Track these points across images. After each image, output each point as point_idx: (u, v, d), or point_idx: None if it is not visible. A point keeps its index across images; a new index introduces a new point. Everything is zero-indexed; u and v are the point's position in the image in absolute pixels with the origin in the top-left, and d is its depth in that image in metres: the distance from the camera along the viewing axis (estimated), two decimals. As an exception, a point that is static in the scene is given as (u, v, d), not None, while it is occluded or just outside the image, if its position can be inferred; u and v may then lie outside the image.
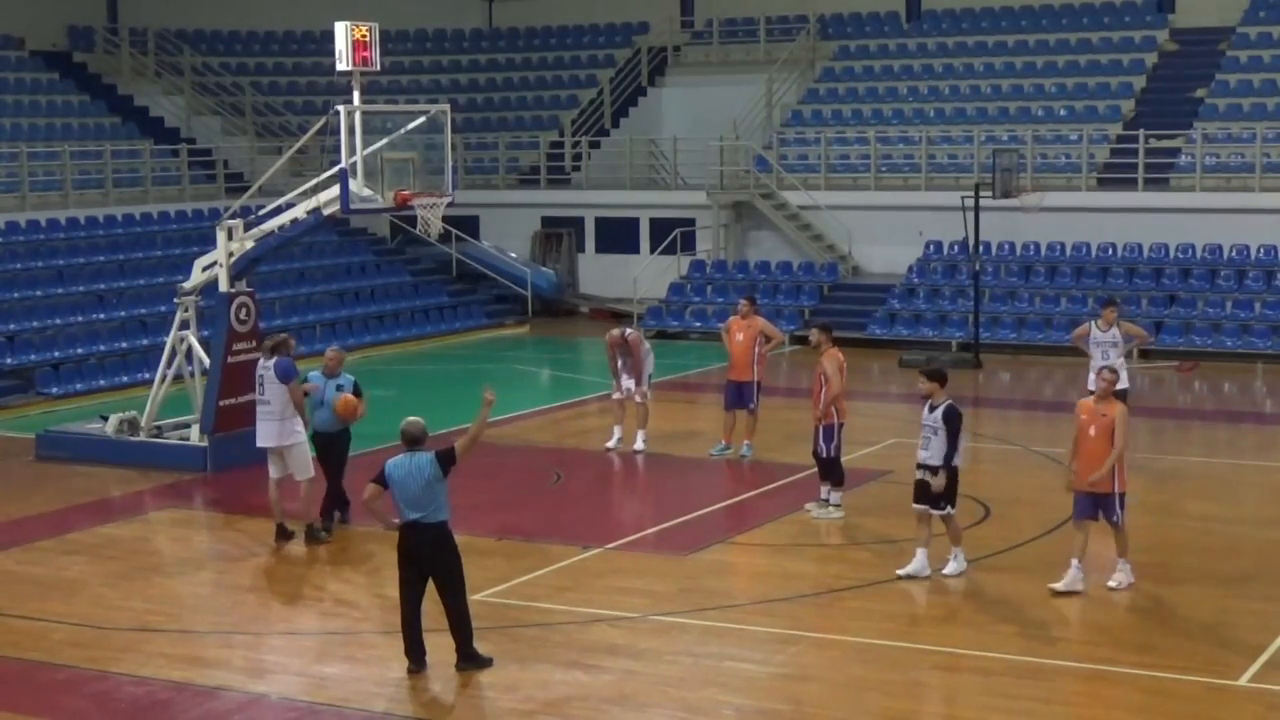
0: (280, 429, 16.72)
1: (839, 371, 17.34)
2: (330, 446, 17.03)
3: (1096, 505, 14.53)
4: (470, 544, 14.17)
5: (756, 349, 20.12)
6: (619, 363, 20.90)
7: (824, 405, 17.26)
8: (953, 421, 14.75)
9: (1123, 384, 19.95)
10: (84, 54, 38.00)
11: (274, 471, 16.85)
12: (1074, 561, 14.58)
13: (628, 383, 20.84)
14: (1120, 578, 14.72)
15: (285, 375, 16.75)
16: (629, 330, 21.24)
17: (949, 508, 14.91)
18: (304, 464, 16.80)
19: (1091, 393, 20.21)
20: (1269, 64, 33.92)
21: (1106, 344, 20.01)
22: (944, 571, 14.97)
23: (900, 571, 15.02)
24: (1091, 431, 14.58)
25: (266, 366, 16.89)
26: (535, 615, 14.11)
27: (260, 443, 16.94)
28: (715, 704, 12.06)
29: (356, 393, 16.95)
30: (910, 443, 21.03)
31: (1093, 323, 20.18)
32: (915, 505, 15.02)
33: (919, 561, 15.01)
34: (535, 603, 14.45)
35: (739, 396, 20.22)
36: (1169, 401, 25.65)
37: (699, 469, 20.14)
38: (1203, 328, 28.98)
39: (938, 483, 14.75)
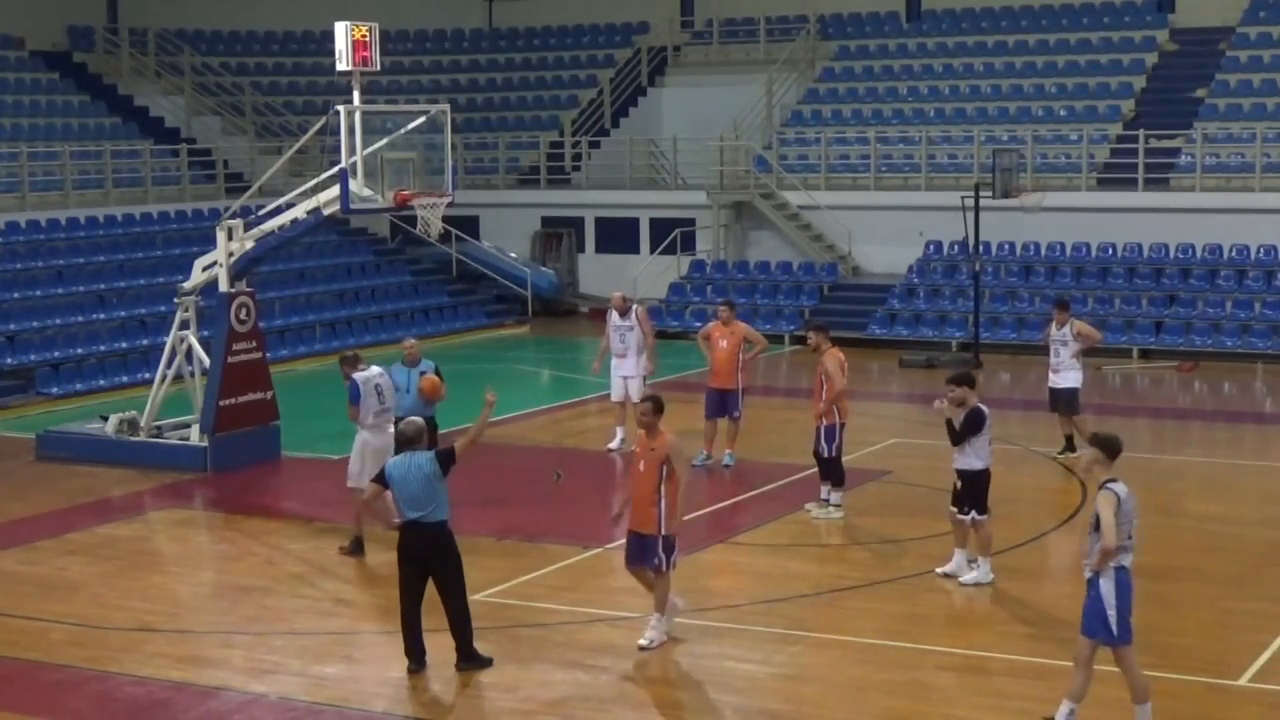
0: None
1: (840, 369, 17.34)
2: None
3: (643, 546, 13.00)
4: (470, 544, 14.15)
5: (741, 355, 19.91)
6: (614, 334, 20.77)
7: (826, 403, 17.24)
8: (969, 424, 14.92)
9: (1071, 382, 20.24)
10: (84, 54, 37.98)
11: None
12: (671, 605, 13.30)
13: (621, 351, 20.69)
14: (652, 635, 13.05)
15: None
16: (636, 307, 21.02)
17: (973, 513, 14.94)
18: None
19: (1051, 389, 20.48)
20: (1269, 64, 33.92)
21: (1058, 343, 20.32)
22: (963, 579, 14.92)
23: (939, 570, 15.08)
24: (641, 467, 13.01)
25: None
26: (535, 615, 14.10)
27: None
28: (715, 704, 12.05)
29: (437, 375, 16.93)
30: (910, 443, 21.18)
31: (1053, 322, 20.43)
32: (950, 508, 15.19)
33: (956, 561, 15.07)
34: (535, 603, 14.45)
35: (722, 404, 19.79)
36: (1169, 401, 25.66)
37: (699, 469, 20.07)
38: (1203, 328, 28.97)
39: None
